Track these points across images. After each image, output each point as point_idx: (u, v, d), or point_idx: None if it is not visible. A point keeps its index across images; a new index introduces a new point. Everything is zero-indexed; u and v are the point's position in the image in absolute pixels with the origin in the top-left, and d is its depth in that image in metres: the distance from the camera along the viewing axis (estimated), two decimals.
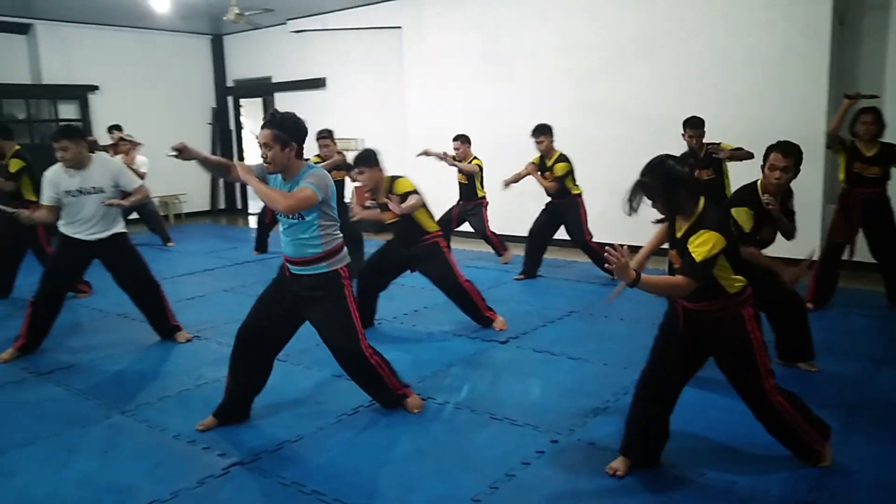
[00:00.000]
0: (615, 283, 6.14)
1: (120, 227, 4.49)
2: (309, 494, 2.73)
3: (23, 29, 9.87)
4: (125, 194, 4.44)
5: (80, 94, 10.13)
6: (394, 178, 4.60)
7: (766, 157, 3.61)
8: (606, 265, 2.44)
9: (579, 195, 6.23)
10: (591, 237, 6.24)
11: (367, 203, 4.76)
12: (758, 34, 6.44)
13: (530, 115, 7.66)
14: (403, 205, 4.46)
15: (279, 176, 3.12)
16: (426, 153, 6.89)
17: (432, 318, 5.17)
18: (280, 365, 3.52)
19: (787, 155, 3.50)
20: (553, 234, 6.44)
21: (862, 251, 5.21)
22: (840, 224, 5.10)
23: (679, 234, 2.60)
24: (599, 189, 7.07)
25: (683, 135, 5.71)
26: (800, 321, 3.82)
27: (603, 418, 3.36)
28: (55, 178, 4.29)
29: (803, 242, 5.27)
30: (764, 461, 2.88)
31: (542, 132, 6.13)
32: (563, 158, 6.11)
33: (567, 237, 6.39)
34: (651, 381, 2.77)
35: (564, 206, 6.24)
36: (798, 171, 3.57)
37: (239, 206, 12.35)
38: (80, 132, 4.41)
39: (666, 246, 2.77)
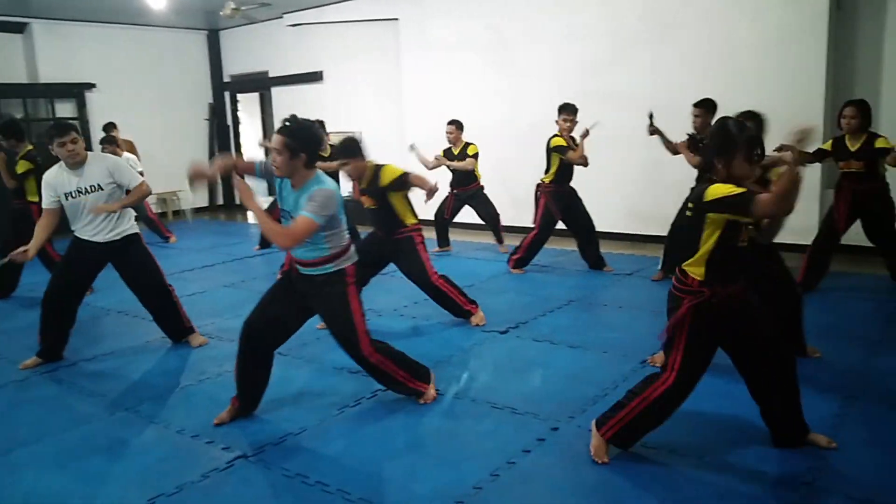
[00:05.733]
0: (607, 274, 6.15)
1: (130, 228, 4.30)
2: (313, 486, 2.76)
3: (19, 28, 9.86)
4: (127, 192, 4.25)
5: (77, 92, 10.12)
6: (379, 166, 4.49)
7: None
8: None
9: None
10: None
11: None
12: (759, 18, 6.44)
13: (535, 104, 7.67)
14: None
15: (288, 181, 3.12)
16: (418, 154, 6.87)
17: (432, 309, 5.17)
18: (281, 359, 3.56)
19: None
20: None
21: (858, 235, 5.20)
22: (834, 213, 5.06)
23: None
24: (612, 179, 7.06)
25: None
26: (796, 313, 3.73)
27: (602, 405, 3.35)
28: (54, 181, 4.10)
29: (802, 227, 5.31)
30: (763, 442, 2.90)
31: None
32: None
33: (564, 227, 6.30)
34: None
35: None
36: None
37: (237, 202, 12.34)
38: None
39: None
